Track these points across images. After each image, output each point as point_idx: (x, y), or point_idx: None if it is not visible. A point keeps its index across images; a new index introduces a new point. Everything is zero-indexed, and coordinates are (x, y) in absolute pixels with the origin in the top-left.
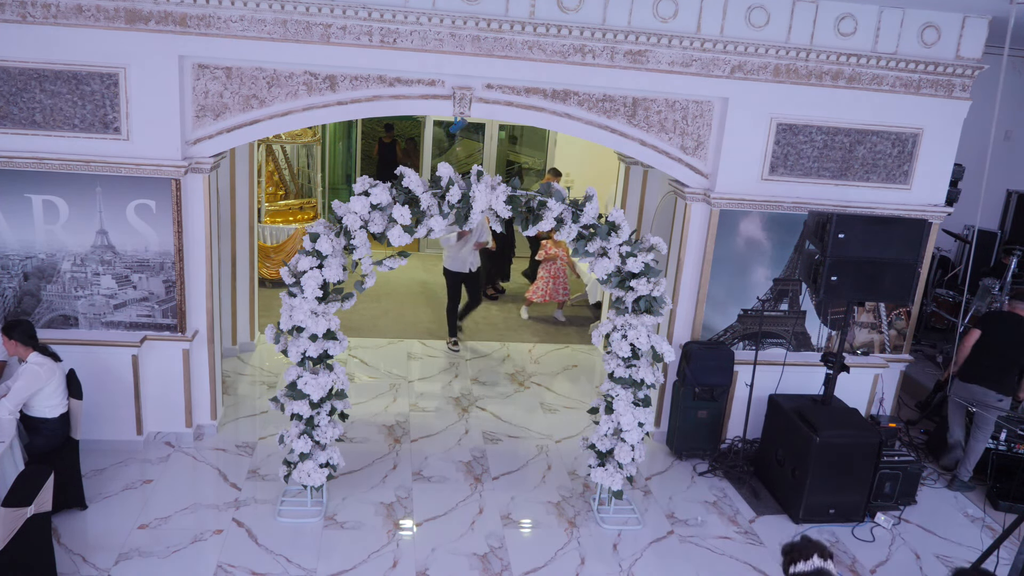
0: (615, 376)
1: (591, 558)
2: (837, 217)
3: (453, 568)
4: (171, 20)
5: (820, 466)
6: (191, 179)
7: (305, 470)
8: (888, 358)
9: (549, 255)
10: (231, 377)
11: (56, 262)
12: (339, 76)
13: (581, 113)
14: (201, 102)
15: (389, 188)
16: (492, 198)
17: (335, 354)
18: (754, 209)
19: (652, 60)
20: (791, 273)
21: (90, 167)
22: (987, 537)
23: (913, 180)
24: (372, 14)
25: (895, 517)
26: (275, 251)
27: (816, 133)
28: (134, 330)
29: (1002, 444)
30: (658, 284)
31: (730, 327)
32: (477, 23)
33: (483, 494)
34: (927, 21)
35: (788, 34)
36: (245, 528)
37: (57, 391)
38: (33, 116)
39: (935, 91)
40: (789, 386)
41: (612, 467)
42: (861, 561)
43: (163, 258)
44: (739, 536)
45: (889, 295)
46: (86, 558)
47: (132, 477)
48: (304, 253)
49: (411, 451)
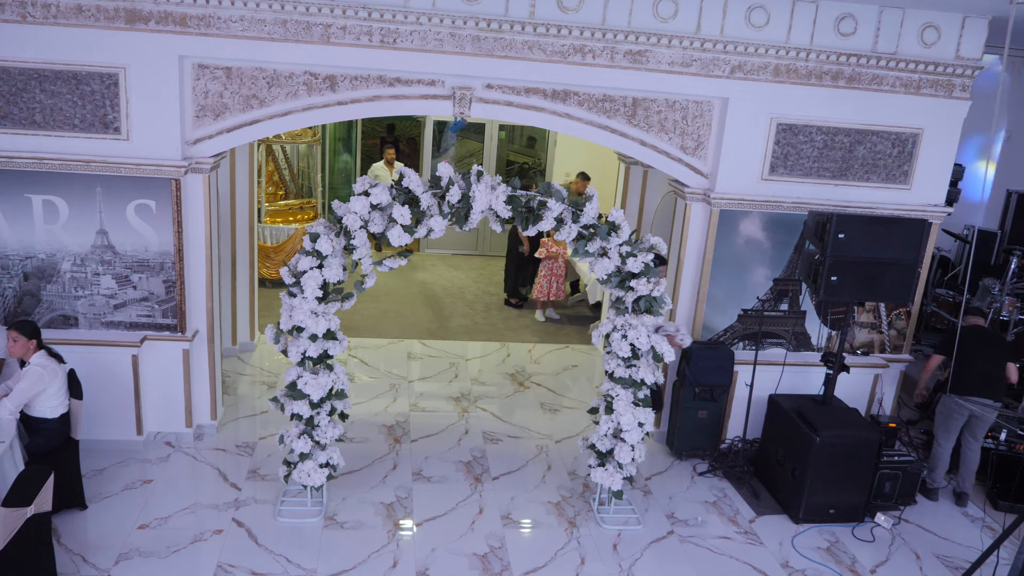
0: (615, 376)
1: (591, 558)
2: (837, 217)
3: (453, 568)
4: (171, 20)
5: (820, 466)
6: (191, 179)
7: (305, 470)
8: (888, 358)
9: (551, 253)
10: (231, 377)
11: (56, 262)
12: (339, 76)
13: (581, 113)
14: (201, 102)
15: (389, 188)
16: (492, 198)
17: (335, 354)
18: (754, 209)
19: (652, 60)
20: (791, 273)
21: (90, 167)
22: (987, 537)
23: (913, 180)
24: (372, 14)
25: (895, 517)
26: (275, 251)
27: (816, 133)
28: (134, 330)
29: (1002, 444)
30: (658, 284)
31: (730, 327)
32: (477, 23)
33: (483, 494)
34: (927, 21)
35: (788, 34)
36: (245, 528)
37: (59, 392)
38: (33, 116)
39: (935, 91)
40: (789, 386)
41: (612, 467)
42: (861, 561)
43: (163, 258)
44: (739, 536)
45: (889, 295)
46: (86, 558)
47: (132, 477)
48: (304, 253)
49: (411, 451)
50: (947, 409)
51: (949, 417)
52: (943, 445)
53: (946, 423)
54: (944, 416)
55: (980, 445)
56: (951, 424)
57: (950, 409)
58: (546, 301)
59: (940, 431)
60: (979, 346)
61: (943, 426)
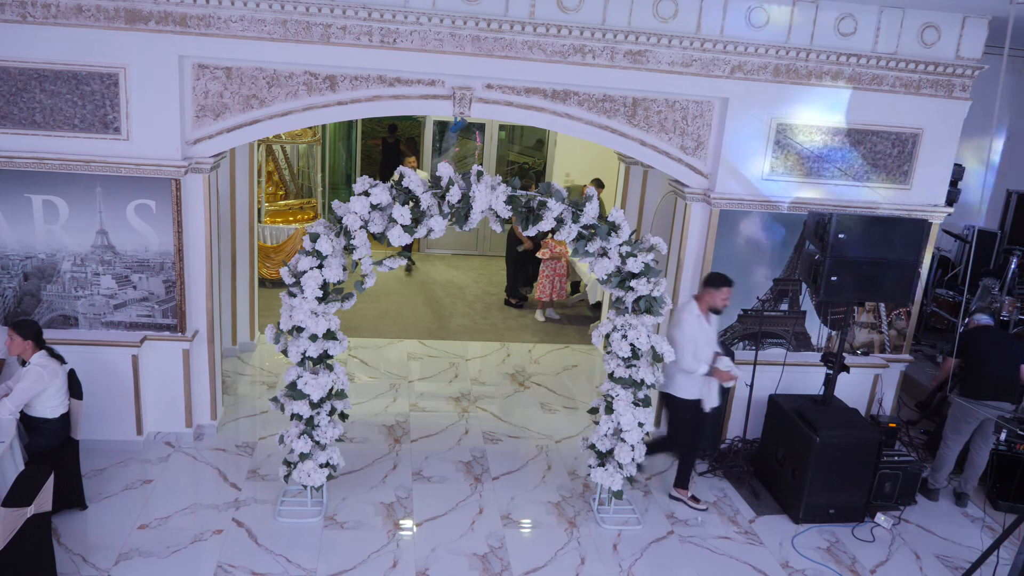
0: (615, 376)
1: (591, 558)
2: (837, 217)
3: (453, 568)
4: (171, 20)
5: (820, 466)
6: (191, 179)
7: (305, 470)
8: (888, 358)
9: (555, 253)
10: (231, 377)
11: (56, 262)
12: (339, 76)
13: (581, 113)
14: (201, 102)
15: (389, 188)
16: (492, 198)
17: (335, 354)
18: (754, 209)
19: (652, 60)
20: (791, 273)
21: (90, 167)
22: (987, 537)
23: (913, 180)
24: (372, 14)
25: (895, 517)
26: (275, 251)
27: (816, 133)
28: (134, 330)
29: (1002, 444)
30: (658, 284)
31: (730, 327)
32: (477, 23)
33: (483, 494)
34: (927, 21)
35: (788, 34)
36: (245, 528)
37: (59, 392)
38: (33, 116)
39: (935, 91)
40: (789, 386)
41: (612, 467)
42: (861, 561)
43: (163, 258)
44: (739, 536)
45: (889, 295)
46: (86, 558)
47: (132, 477)
48: (304, 253)
49: (411, 451)
50: (960, 412)
51: (962, 420)
52: (951, 448)
53: (958, 426)
54: (957, 419)
55: (989, 448)
56: (963, 427)
57: (964, 413)
58: (547, 301)
59: (950, 433)
60: (992, 348)
61: (954, 428)
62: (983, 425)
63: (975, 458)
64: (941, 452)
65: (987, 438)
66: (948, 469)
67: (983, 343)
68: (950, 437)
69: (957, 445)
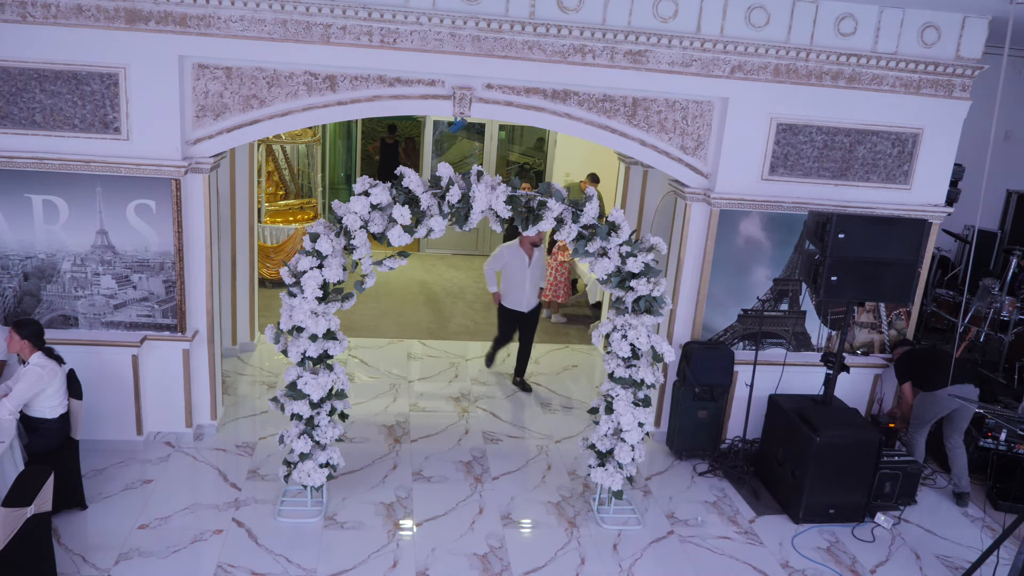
0: (615, 376)
1: (591, 558)
2: (837, 217)
3: (453, 568)
4: (171, 20)
5: (820, 466)
6: (191, 179)
7: (305, 470)
8: (888, 358)
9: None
10: (231, 377)
11: (56, 262)
12: (339, 76)
13: (581, 113)
14: (201, 102)
15: (389, 188)
16: (492, 198)
17: (335, 354)
18: (754, 209)
19: (652, 60)
20: (791, 273)
21: (90, 167)
22: (987, 537)
23: (913, 180)
24: (372, 14)
25: (895, 517)
26: (275, 251)
27: (816, 133)
28: (134, 330)
29: (1002, 444)
30: (658, 284)
31: (730, 327)
32: (477, 23)
33: (483, 494)
34: (927, 21)
35: (788, 34)
36: (245, 528)
37: (58, 392)
38: (33, 116)
39: (935, 91)
40: (789, 386)
41: (612, 467)
42: (861, 561)
43: (163, 258)
44: (739, 536)
45: (889, 295)
46: (86, 558)
47: (132, 477)
48: (304, 253)
49: (411, 451)
50: (923, 404)
51: (927, 409)
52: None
53: (922, 414)
54: (921, 408)
55: (962, 439)
56: (928, 415)
57: (927, 403)
58: (551, 303)
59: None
60: (931, 355)
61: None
62: (952, 416)
63: (953, 452)
64: (957, 456)
65: (959, 428)
66: (920, 454)
67: (919, 352)
68: (913, 426)
69: (920, 434)
